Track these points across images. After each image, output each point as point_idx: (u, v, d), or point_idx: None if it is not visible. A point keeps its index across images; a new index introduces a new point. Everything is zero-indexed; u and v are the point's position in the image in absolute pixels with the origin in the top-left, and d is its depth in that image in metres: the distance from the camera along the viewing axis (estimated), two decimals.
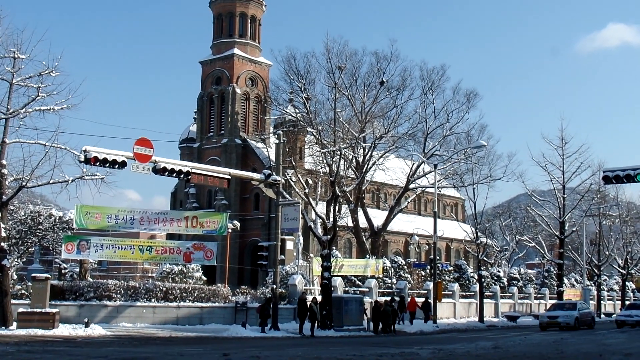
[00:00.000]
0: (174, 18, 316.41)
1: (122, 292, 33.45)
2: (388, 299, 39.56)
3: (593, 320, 43.93)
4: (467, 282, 58.82)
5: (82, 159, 25.59)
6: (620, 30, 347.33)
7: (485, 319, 49.10)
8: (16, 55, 27.54)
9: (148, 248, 35.13)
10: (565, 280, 65.74)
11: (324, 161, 45.02)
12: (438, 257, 57.07)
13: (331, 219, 40.00)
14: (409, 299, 43.61)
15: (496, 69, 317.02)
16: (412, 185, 57.16)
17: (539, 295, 64.72)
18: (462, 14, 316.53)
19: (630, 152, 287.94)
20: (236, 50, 73.60)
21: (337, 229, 42.32)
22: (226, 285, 39.60)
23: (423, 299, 45.01)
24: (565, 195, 55.05)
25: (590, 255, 67.20)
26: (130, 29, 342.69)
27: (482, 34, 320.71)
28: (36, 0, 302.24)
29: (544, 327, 39.98)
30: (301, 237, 50.16)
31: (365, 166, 52.23)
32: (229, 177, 32.94)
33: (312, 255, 52.45)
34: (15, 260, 35.02)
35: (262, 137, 67.31)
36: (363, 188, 55.65)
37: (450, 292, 51.52)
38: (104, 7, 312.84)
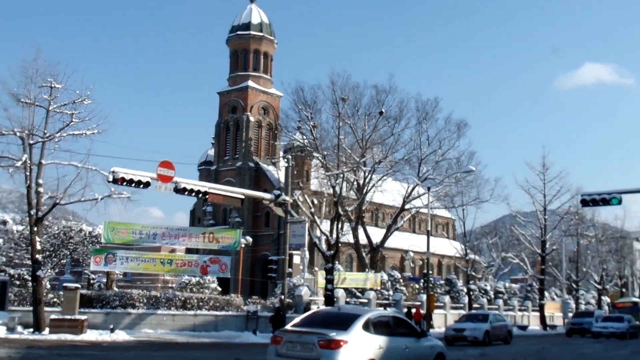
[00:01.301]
0: (195, 54, 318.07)
1: (145, 301, 33.25)
2: (387, 309, 39.32)
3: (509, 334, 35.33)
4: (457, 294, 58.48)
5: (111, 179, 25.53)
6: (596, 69, 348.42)
7: None
8: (53, 85, 27.64)
9: (169, 261, 35.00)
10: (546, 294, 65.32)
11: (329, 183, 45.03)
12: (431, 272, 56.76)
13: (334, 235, 39.90)
14: (414, 310, 43.41)
15: (484, 102, 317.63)
16: (407, 206, 56.90)
17: (523, 307, 64.24)
18: (453, 54, 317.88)
19: (606, 177, 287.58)
20: (250, 83, 73.84)
21: (340, 245, 42.18)
22: (239, 296, 39.37)
23: (424, 311, 45.02)
24: (546, 217, 54.94)
25: (569, 272, 66.88)
26: (157, 64, 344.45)
27: (472, 71, 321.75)
28: (76, 41, 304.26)
29: (449, 341, 30.73)
30: (307, 252, 49.86)
31: (366, 188, 52.07)
32: (243, 197, 32.81)
33: (316, 268, 52.28)
34: (49, 271, 34.84)
35: (273, 160, 67.29)
36: (363, 208, 55.45)
37: (442, 304, 51.17)
38: (135, 47, 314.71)
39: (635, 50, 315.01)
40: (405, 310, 41.99)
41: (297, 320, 13.88)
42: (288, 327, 13.74)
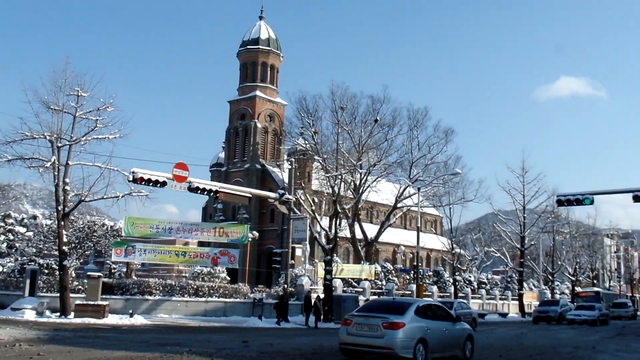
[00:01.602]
0: (208, 66, 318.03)
1: (161, 288, 33.31)
2: (377, 297, 39.41)
3: (474, 322, 32.68)
4: (444, 285, 58.49)
5: (131, 179, 25.61)
6: (571, 82, 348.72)
7: None
8: (79, 94, 27.71)
9: (182, 253, 35.04)
10: (525, 285, 65.37)
11: (328, 183, 45.04)
12: (420, 264, 56.69)
13: (333, 231, 39.89)
14: None
15: (470, 110, 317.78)
16: (399, 205, 56.90)
17: (503, 296, 64.25)
18: (442, 67, 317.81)
19: (579, 179, 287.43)
20: (258, 93, 73.86)
21: (338, 239, 42.19)
22: (246, 285, 39.37)
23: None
24: (525, 215, 54.93)
25: (545, 265, 66.84)
26: (174, 75, 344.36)
27: (459, 83, 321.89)
28: (103, 52, 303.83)
29: None
30: (308, 246, 49.94)
31: (362, 188, 52.09)
32: (250, 195, 32.90)
33: (316, 260, 52.31)
34: (74, 261, 34.79)
35: (278, 163, 67.29)
36: (359, 206, 55.46)
37: (430, 293, 51.15)
38: (154, 60, 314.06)
39: (606, 65, 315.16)
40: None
41: (359, 307, 16.69)
42: (354, 312, 15.55)
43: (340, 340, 14.83)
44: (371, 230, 60.13)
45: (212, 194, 28.84)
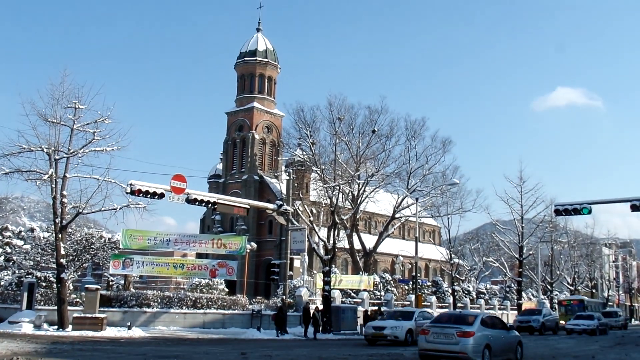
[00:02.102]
0: (206, 78, 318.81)
1: (159, 300, 33.19)
2: (376, 308, 39.30)
3: None
4: (443, 295, 58.33)
5: (128, 191, 25.58)
6: (568, 92, 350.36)
7: None
8: (77, 106, 27.73)
9: (181, 265, 34.98)
10: (524, 295, 65.17)
11: (326, 194, 45.01)
12: (419, 274, 56.66)
13: (331, 241, 39.85)
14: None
15: (468, 121, 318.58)
16: (397, 215, 56.90)
17: (502, 306, 64.05)
18: (440, 78, 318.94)
19: (577, 189, 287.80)
20: (255, 104, 73.92)
21: (336, 250, 42.13)
22: (244, 296, 39.26)
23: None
24: (523, 225, 54.84)
25: (544, 274, 66.76)
26: (172, 86, 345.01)
27: (456, 94, 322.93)
28: (101, 64, 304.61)
29: (370, 341, 27.52)
30: (306, 257, 49.80)
31: (360, 199, 52.10)
32: (248, 206, 32.87)
33: (315, 271, 52.19)
34: (72, 273, 34.65)
35: (276, 174, 67.27)
36: (357, 217, 55.44)
37: (429, 303, 51.02)
38: (152, 73, 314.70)
39: (602, 75, 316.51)
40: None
41: (433, 319, 20.82)
42: (430, 323, 19.01)
43: (419, 347, 18.04)
44: (369, 240, 60.05)
45: (210, 205, 28.82)
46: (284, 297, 35.29)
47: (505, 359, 18.57)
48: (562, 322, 46.53)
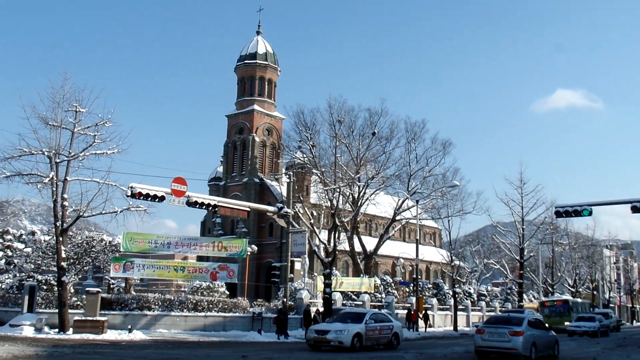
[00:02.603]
0: (206, 81, 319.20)
1: (160, 303, 33.15)
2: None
3: (396, 338, 26.23)
4: (444, 297, 58.27)
5: (129, 194, 25.60)
6: (567, 94, 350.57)
7: (458, 328, 48.45)
8: (78, 110, 27.75)
9: (181, 268, 34.94)
10: (525, 297, 65.17)
11: (326, 197, 44.99)
12: (419, 277, 56.72)
13: (332, 244, 39.81)
14: (422, 313, 44.94)
15: (468, 123, 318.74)
16: (398, 217, 56.85)
17: (503, 309, 64.03)
18: (441, 80, 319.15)
19: (577, 191, 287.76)
20: (256, 107, 73.98)
21: (337, 252, 42.07)
22: (245, 299, 39.26)
23: (423, 312, 45.48)
24: (524, 227, 54.75)
25: (545, 276, 66.69)
26: (172, 90, 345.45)
27: (457, 97, 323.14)
28: (102, 66, 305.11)
29: (313, 347, 24.32)
30: (307, 259, 49.80)
31: (360, 201, 52.08)
32: (249, 209, 32.88)
33: (316, 274, 52.15)
34: (73, 276, 34.78)
35: (276, 176, 67.28)
36: (358, 219, 55.41)
37: (430, 306, 51.02)
38: (152, 76, 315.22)
39: (602, 77, 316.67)
40: (405, 312, 43.82)
41: (485, 320, 23.57)
42: (483, 325, 21.86)
43: (476, 344, 21.02)
44: (370, 243, 60.05)
45: (210, 208, 28.83)
46: (285, 299, 35.26)
47: (546, 355, 21.63)
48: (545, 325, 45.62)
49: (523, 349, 19.81)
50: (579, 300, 60.43)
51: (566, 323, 45.70)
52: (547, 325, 42.01)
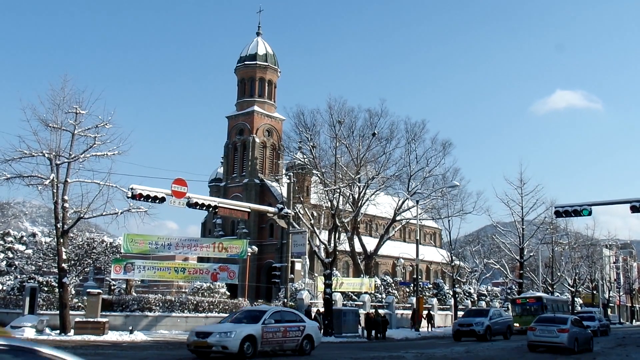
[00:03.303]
0: (206, 82, 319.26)
1: (161, 304, 33.16)
2: (378, 310, 39.27)
3: (310, 341, 21.40)
4: (444, 297, 58.29)
5: (130, 195, 25.61)
6: (567, 95, 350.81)
7: None
8: (78, 111, 27.72)
9: (182, 269, 34.94)
10: None
11: (327, 197, 44.97)
12: (420, 277, 56.65)
13: (332, 244, 39.80)
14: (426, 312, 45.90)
15: (468, 124, 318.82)
16: (398, 218, 56.87)
17: (503, 308, 63.97)
18: (440, 82, 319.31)
19: (577, 191, 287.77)
20: (256, 108, 73.99)
21: (337, 253, 42.06)
22: (246, 299, 39.27)
23: (426, 312, 45.69)
24: (524, 226, 54.84)
25: (545, 276, 66.65)
26: (172, 91, 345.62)
27: (457, 97, 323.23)
28: (102, 67, 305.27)
29: (194, 352, 19.28)
30: (307, 260, 49.70)
31: (360, 201, 52.08)
32: (249, 210, 32.91)
33: (316, 274, 52.13)
34: (74, 278, 34.79)
35: (276, 177, 67.30)
36: (358, 219, 55.42)
37: (430, 306, 51.01)
38: (152, 77, 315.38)
39: (602, 77, 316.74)
40: (407, 312, 44.68)
41: (536, 319, 27.02)
42: (535, 324, 25.75)
43: (528, 339, 25.37)
44: (370, 243, 60.05)
45: (211, 209, 28.86)
46: (285, 300, 35.28)
47: (585, 348, 25.59)
48: (516, 324, 42.14)
49: (568, 343, 24.09)
50: (555, 297, 57.71)
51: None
52: (517, 324, 41.10)
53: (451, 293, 57.24)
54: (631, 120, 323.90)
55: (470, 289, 63.64)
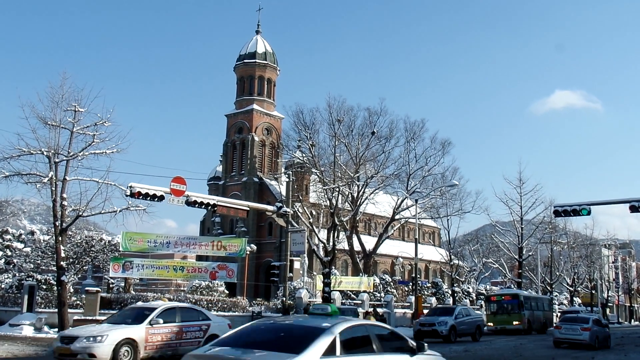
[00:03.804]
0: (205, 80, 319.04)
1: None
2: (377, 309, 39.33)
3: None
4: (443, 296, 58.29)
5: (128, 193, 25.52)
6: (566, 95, 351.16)
7: None
8: (77, 109, 27.66)
9: (181, 268, 34.90)
10: None
11: (326, 196, 45.05)
12: (418, 276, 56.68)
13: (331, 243, 39.85)
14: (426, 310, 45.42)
15: (467, 123, 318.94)
16: (397, 217, 56.89)
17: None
18: (440, 81, 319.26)
19: (576, 190, 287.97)
20: (255, 106, 73.94)
21: (336, 251, 42.13)
22: (244, 298, 39.24)
23: (427, 310, 45.60)
24: (522, 226, 54.84)
25: (543, 275, 66.73)
26: (171, 89, 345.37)
27: (456, 97, 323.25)
28: (101, 65, 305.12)
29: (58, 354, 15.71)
30: (306, 258, 49.82)
31: (359, 200, 52.10)
32: (248, 208, 32.84)
33: (315, 273, 52.23)
34: (72, 276, 34.79)
35: (275, 176, 67.31)
36: (357, 218, 55.43)
37: (429, 305, 50.99)
38: (152, 75, 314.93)
39: (602, 77, 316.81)
40: (412, 310, 44.25)
41: (561, 318, 31.64)
42: (559, 322, 29.28)
43: (554, 336, 28.33)
44: (369, 242, 60.07)
45: (210, 207, 28.78)
46: (284, 298, 35.29)
47: (604, 345, 28.00)
48: (490, 324, 40.56)
49: (590, 340, 26.95)
50: (535, 294, 55.05)
51: (515, 323, 40.50)
52: (491, 324, 41.34)
53: (450, 292, 57.29)
54: (630, 120, 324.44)
55: (468, 288, 63.70)
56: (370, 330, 8.93)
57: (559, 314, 51.02)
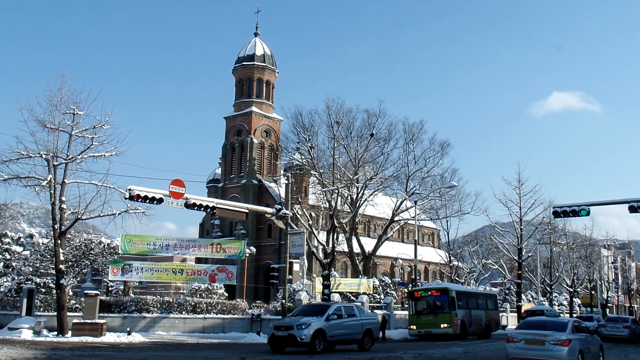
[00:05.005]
0: (204, 83, 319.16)
1: (158, 306, 33.11)
2: (377, 311, 39.25)
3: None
4: None
5: (127, 196, 25.52)
6: (563, 97, 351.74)
7: None
8: (75, 112, 27.69)
9: (180, 270, 34.91)
10: (523, 297, 65.09)
11: (325, 198, 45.00)
12: (418, 277, 56.62)
13: (330, 245, 39.83)
14: None
15: (466, 125, 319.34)
16: (396, 218, 56.87)
17: (502, 309, 63.90)
18: (439, 83, 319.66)
19: (575, 191, 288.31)
20: (254, 108, 73.92)
21: (335, 253, 42.09)
22: (244, 300, 39.23)
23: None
24: (522, 227, 54.82)
25: (543, 276, 66.69)
26: (170, 92, 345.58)
27: (455, 98, 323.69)
28: (100, 68, 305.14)
29: None
30: (306, 260, 49.70)
31: (358, 202, 52.08)
32: (247, 211, 32.83)
33: (314, 275, 52.10)
34: (71, 279, 34.72)
35: (274, 178, 67.25)
36: (356, 220, 55.41)
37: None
38: (150, 78, 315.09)
39: (600, 79, 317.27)
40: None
41: (606, 319, 35.32)
42: (605, 321, 34.01)
43: (601, 334, 30.79)
44: (369, 244, 60.03)
45: (209, 210, 28.76)
46: (284, 301, 35.21)
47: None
48: (412, 326, 34.77)
49: (629, 335, 33.58)
50: (471, 289, 46.94)
51: (443, 325, 33.26)
52: (413, 327, 34.50)
53: None
54: (629, 122, 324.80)
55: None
56: None
57: (523, 314, 45.60)
